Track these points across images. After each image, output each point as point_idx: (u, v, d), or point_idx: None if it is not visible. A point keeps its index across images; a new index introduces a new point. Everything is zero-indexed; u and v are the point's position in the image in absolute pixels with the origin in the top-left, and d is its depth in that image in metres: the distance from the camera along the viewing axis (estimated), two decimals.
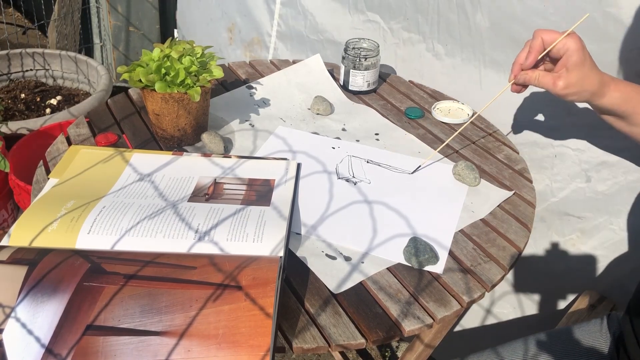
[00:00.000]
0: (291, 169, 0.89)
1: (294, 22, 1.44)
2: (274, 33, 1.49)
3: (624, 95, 0.80)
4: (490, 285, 0.74)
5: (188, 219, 0.75)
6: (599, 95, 0.80)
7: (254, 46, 1.57)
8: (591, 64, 0.80)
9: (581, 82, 0.79)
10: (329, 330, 0.66)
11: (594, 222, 1.05)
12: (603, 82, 0.80)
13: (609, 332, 0.85)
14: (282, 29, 1.47)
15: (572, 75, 0.79)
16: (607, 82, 0.80)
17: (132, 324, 0.59)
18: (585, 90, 0.80)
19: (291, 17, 1.44)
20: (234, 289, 0.61)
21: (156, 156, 0.91)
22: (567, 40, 0.79)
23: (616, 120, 0.83)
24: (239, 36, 1.60)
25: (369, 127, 1.05)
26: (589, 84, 0.79)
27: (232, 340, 0.58)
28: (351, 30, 1.32)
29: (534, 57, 0.82)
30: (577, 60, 0.79)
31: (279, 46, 1.50)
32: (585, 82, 0.79)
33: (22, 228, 0.72)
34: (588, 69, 0.79)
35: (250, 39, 1.58)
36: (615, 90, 0.80)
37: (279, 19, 1.46)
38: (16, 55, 1.92)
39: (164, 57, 0.90)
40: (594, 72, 0.80)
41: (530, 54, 0.82)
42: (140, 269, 0.64)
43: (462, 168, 0.91)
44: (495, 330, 1.25)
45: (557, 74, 0.80)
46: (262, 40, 1.53)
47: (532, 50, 0.82)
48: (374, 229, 0.81)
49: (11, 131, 1.57)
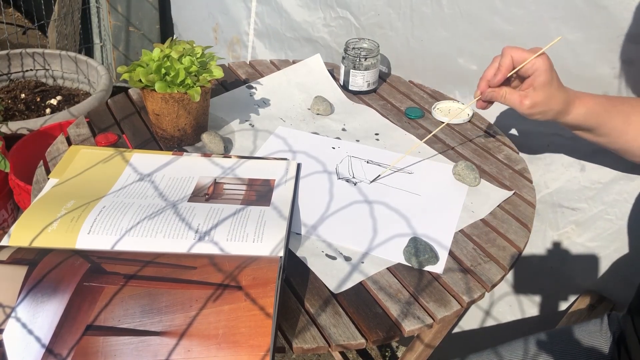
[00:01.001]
0: (291, 169, 0.89)
1: (270, 20, 1.42)
2: (252, 32, 1.47)
3: (588, 110, 0.82)
4: (490, 285, 0.74)
5: (188, 219, 0.75)
6: (564, 114, 0.82)
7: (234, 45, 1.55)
8: (558, 83, 0.81)
9: (547, 101, 0.80)
10: (329, 330, 0.66)
11: (589, 214, 1.04)
12: (568, 101, 0.81)
13: (609, 332, 0.85)
14: (259, 27, 1.45)
15: (538, 95, 0.80)
16: (572, 100, 0.82)
17: (132, 324, 0.59)
18: (551, 109, 0.81)
19: (267, 14, 1.42)
20: (234, 289, 0.61)
21: (156, 156, 0.91)
22: (536, 60, 0.80)
23: (584, 133, 0.85)
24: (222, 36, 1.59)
25: (369, 127, 1.05)
26: (555, 103, 0.81)
27: (232, 340, 0.58)
28: (324, 27, 1.31)
29: (503, 75, 0.82)
30: (545, 80, 0.79)
31: (257, 45, 1.48)
32: (552, 101, 0.80)
33: (22, 228, 0.72)
34: (555, 88, 0.80)
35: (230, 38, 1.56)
36: (580, 106, 0.82)
37: (256, 17, 1.44)
38: (16, 55, 1.92)
39: (164, 57, 0.90)
40: (560, 92, 0.81)
41: (499, 72, 0.82)
42: (140, 269, 0.64)
43: (462, 168, 0.91)
44: (495, 330, 1.25)
45: (524, 93, 0.81)
46: (240, 40, 1.52)
47: (501, 68, 0.82)
48: (374, 229, 0.81)
49: (11, 131, 1.57)
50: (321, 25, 1.31)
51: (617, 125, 0.82)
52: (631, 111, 0.82)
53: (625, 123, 0.82)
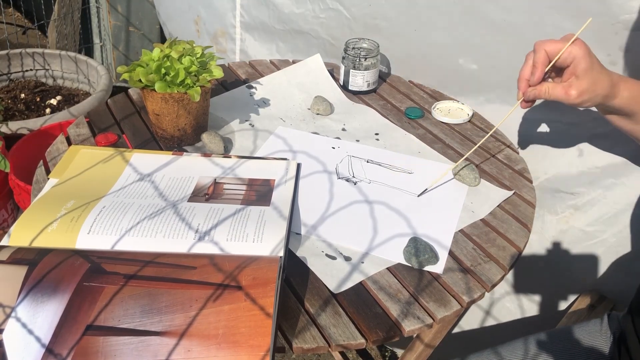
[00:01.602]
0: (291, 169, 0.89)
1: (257, 12, 1.39)
2: (238, 24, 1.44)
3: (632, 94, 0.79)
4: (490, 285, 0.74)
5: (188, 219, 0.75)
6: (611, 97, 0.79)
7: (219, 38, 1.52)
8: (599, 67, 0.78)
9: (593, 87, 0.77)
10: (329, 330, 0.66)
11: (587, 197, 1.03)
12: (613, 84, 0.78)
13: (610, 331, 0.85)
14: (246, 19, 1.42)
15: (583, 82, 0.77)
16: (617, 83, 0.79)
17: (132, 324, 0.59)
18: (598, 94, 0.78)
19: (253, 6, 1.39)
20: (234, 289, 0.61)
21: (156, 156, 0.91)
22: (571, 48, 0.77)
23: (620, 119, 0.82)
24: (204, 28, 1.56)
25: (369, 127, 1.05)
26: (600, 87, 0.78)
27: (232, 340, 0.58)
28: (314, 20, 1.28)
29: (541, 71, 0.79)
30: (586, 66, 0.77)
31: (245, 37, 1.45)
32: (597, 86, 0.78)
33: (22, 228, 0.72)
34: (597, 72, 0.78)
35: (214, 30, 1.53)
36: (625, 90, 0.79)
37: (241, 9, 1.41)
38: (16, 55, 1.92)
39: (164, 57, 0.90)
40: (603, 75, 0.78)
41: (536, 69, 0.79)
42: (140, 269, 0.64)
43: (462, 168, 0.91)
44: (495, 330, 1.25)
45: (567, 84, 0.78)
46: (226, 32, 1.49)
47: (538, 64, 0.79)
48: (374, 229, 0.81)
49: (11, 131, 1.57)
50: (311, 17, 1.28)
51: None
52: None
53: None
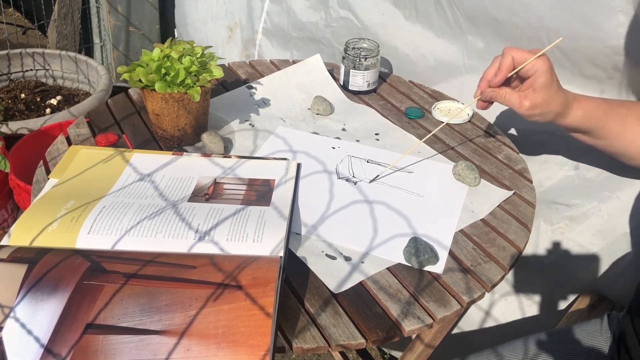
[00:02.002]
0: (291, 169, 0.89)
1: (278, 19, 1.43)
2: (260, 30, 1.48)
3: (586, 113, 0.82)
4: (490, 285, 0.74)
5: (188, 219, 0.75)
6: (563, 116, 0.82)
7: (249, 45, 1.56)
8: (557, 85, 0.81)
9: (547, 103, 0.80)
10: (329, 330, 0.66)
11: (582, 210, 1.05)
12: (567, 103, 0.81)
13: (609, 332, 0.85)
14: (268, 26, 1.46)
15: (538, 96, 0.80)
16: (570, 103, 0.82)
17: (131, 323, 0.59)
18: (550, 111, 0.81)
19: (276, 14, 1.43)
20: (234, 289, 0.61)
21: (156, 156, 0.91)
22: (536, 61, 0.80)
23: (581, 136, 0.85)
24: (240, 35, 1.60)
25: (369, 127, 1.05)
26: (554, 105, 0.81)
27: (231, 339, 0.58)
28: (326, 28, 1.31)
29: (503, 75, 0.82)
30: (545, 81, 0.79)
31: (263, 43, 1.49)
32: (551, 103, 0.80)
33: (22, 228, 0.72)
34: (554, 90, 0.80)
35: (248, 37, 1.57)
36: (578, 109, 0.82)
37: (266, 16, 1.46)
38: (16, 55, 1.92)
39: (164, 57, 0.90)
40: (559, 94, 0.81)
41: (500, 72, 0.82)
42: (140, 268, 0.64)
43: (462, 168, 0.91)
44: (495, 330, 1.25)
45: (523, 94, 0.81)
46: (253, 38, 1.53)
47: (502, 68, 0.82)
48: (374, 229, 0.81)
49: (11, 131, 1.57)
50: (323, 26, 1.31)
51: (614, 128, 0.82)
52: (628, 114, 0.82)
53: (622, 126, 0.82)
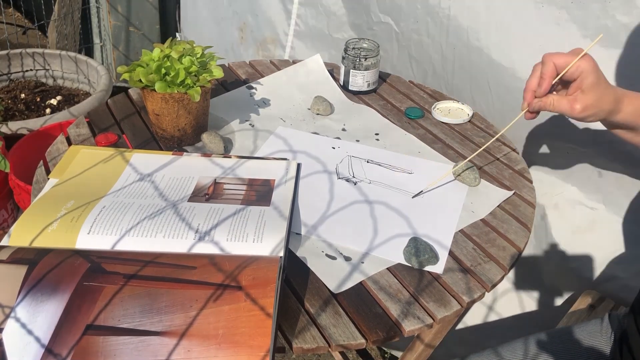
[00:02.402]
0: (291, 169, 0.89)
1: (314, 22, 1.47)
2: (291, 32, 1.52)
3: (636, 108, 0.79)
4: (490, 286, 0.74)
5: (188, 219, 0.75)
6: (615, 113, 0.79)
7: (268, 45, 1.58)
8: (605, 83, 0.79)
9: (598, 102, 0.78)
10: (329, 331, 0.66)
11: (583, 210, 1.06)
12: (617, 99, 0.79)
13: (610, 331, 0.85)
14: (301, 28, 1.50)
15: (588, 97, 0.77)
16: (621, 98, 0.79)
17: (131, 324, 0.59)
18: (602, 110, 0.78)
19: (311, 16, 1.47)
20: (234, 289, 0.61)
21: (156, 156, 0.91)
22: (580, 62, 0.77)
23: (627, 133, 0.82)
24: (251, 35, 1.61)
25: (369, 127, 1.05)
26: (605, 103, 0.78)
27: (232, 340, 0.58)
28: (367, 31, 1.35)
29: (548, 83, 0.79)
30: (593, 81, 0.77)
31: (296, 45, 1.53)
32: (602, 102, 0.78)
33: (22, 228, 0.72)
34: (603, 88, 0.78)
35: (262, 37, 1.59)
36: (629, 105, 0.79)
37: (297, 19, 1.49)
38: (16, 55, 1.92)
39: (164, 57, 0.90)
40: (609, 91, 0.78)
41: (544, 81, 0.79)
42: (140, 269, 0.64)
43: (462, 168, 0.90)
44: (495, 330, 1.25)
45: (572, 97, 0.78)
46: (277, 40, 1.55)
47: (545, 76, 0.79)
48: (374, 229, 0.81)
49: (11, 131, 1.57)
50: (365, 29, 1.36)
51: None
52: None
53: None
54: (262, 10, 1.57)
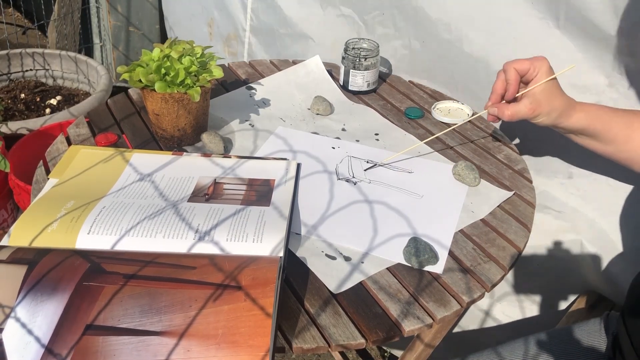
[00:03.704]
0: (291, 169, 0.89)
1: (264, 16, 1.43)
2: (248, 28, 1.48)
3: (590, 114, 0.83)
4: (490, 285, 0.74)
5: (188, 219, 0.75)
6: (567, 116, 0.83)
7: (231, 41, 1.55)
8: (558, 86, 0.84)
9: (550, 101, 0.83)
10: (329, 330, 0.66)
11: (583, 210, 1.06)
12: (570, 103, 0.83)
13: (607, 332, 0.85)
14: (255, 23, 1.46)
15: (541, 95, 0.82)
16: (574, 104, 0.84)
17: (131, 324, 0.59)
18: (554, 109, 0.83)
19: (262, 10, 1.42)
20: (234, 289, 0.61)
21: (156, 156, 0.91)
22: (536, 63, 0.83)
23: (589, 141, 0.86)
24: (218, 31, 1.58)
25: (369, 127, 1.05)
26: (557, 102, 0.83)
27: (231, 340, 0.58)
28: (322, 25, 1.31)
29: (514, 89, 0.85)
30: None
31: (252, 41, 1.49)
32: (554, 101, 0.83)
33: (22, 228, 0.72)
34: (556, 88, 0.83)
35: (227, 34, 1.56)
36: (581, 111, 0.83)
37: (252, 13, 1.45)
38: (16, 55, 1.92)
39: (164, 57, 0.90)
40: (560, 92, 0.84)
41: (510, 85, 0.85)
42: (140, 269, 0.64)
43: (462, 168, 0.91)
44: (495, 330, 1.25)
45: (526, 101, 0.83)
46: (238, 36, 1.52)
47: (511, 82, 0.84)
48: (374, 229, 0.81)
49: (11, 131, 1.57)
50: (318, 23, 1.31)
51: (620, 131, 0.82)
52: (634, 119, 0.82)
53: (629, 129, 0.82)
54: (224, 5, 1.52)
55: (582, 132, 0.85)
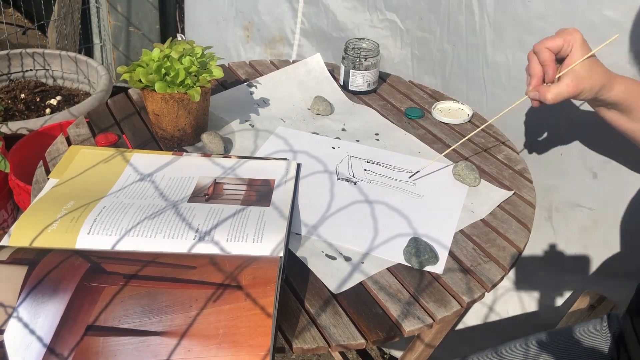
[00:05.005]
0: (291, 169, 0.89)
1: (316, 20, 1.48)
2: (298, 30, 1.53)
3: (628, 87, 0.79)
4: (490, 286, 0.74)
5: (188, 219, 0.75)
6: (608, 88, 0.79)
7: (276, 43, 1.60)
8: (595, 58, 0.79)
9: (590, 74, 0.78)
10: (329, 331, 0.66)
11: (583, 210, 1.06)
12: (609, 75, 0.79)
13: (609, 331, 0.85)
14: (306, 26, 1.51)
15: (580, 71, 0.77)
16: (613, 75, 0.79)
17: (132, 324, 0.59)
18: (597, 83, 0.78)
19: (314, 15, 1.48)
20: (234, 289, 0.61)
21: (156, 156, 0.91)
22: (568, 37, 0.78)
23: (619, 117, 0.82)
24: (258, 34, 1.62)
25: (369, 127, 1.05)
26: (597, 76, 0.78)
27: (232, 340, 0.58)
28: (370, 29, 1.35)
29: (553, 69, 0.79)
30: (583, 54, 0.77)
31: (303, 43, 1.55)
32: (594, 74, 0.78)
33: (22, 228, 0.72)
34: (594, 61, 0.78)
35: (270, 36, 1.60)
36: (621, 83, 0.79)
37: (303, 17, 1.50)
38: (16, 55, 1.92)
39: (164, 57, 0.90)
40: (599, 65, 0.79)
41: (548, 67, 0.79)
42: (140, 269, 0.64)
43: (462, 168, 0.91)
44: (495, 330, 1.25)
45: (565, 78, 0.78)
46: (284, 38, 1.56)
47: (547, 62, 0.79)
48: (374, 229, 0.81)
49: (11, 131, 1.57)
50: (367, 27, 1.36)
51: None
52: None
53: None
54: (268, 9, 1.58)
55: (616, 106, 0.81)
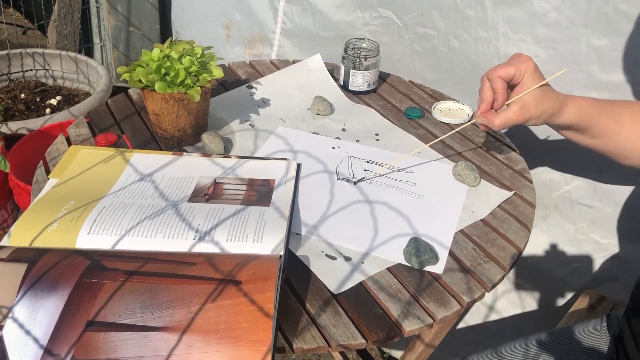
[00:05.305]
0: (291, 169, 0.89)
1: (300, 19, 1.45)
2: (278, 30, 1.49)
3: (581, 110, 0.81)
4: (490, 286, 0.74)
5: (188, 219, 0.75)
6: (558, 114, 0.81)
7: (256, 43, 1.57)
8: (548, 86, 0.81)
9: (540, 102, 0.80)
10: (329, 331, 0.66)
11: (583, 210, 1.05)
12: (561, 101, 0.81)
13: (609, 332, 0.85)
14: (288, 26, 1.48)
15: (530, 100, 0.80)
16: (564, 101, 0.81)
17: (132, 320, 0.59)
18: (545, 111, 0.81)
19: (297, 14, 1.44)
20: (235, 284, 0.61)
21: (156, 156, 0.91)
22: (521, 65, 0.80)
23: (577, 135, 0.85)
24: (238, 33, 1.60)
25: (369, 127, 1.05)
26: (548, 103, 0.80)
27: (233, 335, 0.58)
28: (363, 27, 1.33)
29: (503, 97, 0.82)
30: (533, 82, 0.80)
31: (284, 43, 1.51)
32: (545, 102, 0.80)
33: (22, 228, 0.72)
34: (545, 90, 0.80)
35: (250, 36, 1.58)
36: (572, 106, 0.81)
37: (284, 17, 1.47)
38: (16, 55, 1.92)
39: (164, 57, 0.90)
40: (551, 92, 0.81)
41: (499, 95, 0.82)
42: (140, 265, 0.64)
43: (462, 168, 0.91)
44: (495, 330, 1.25)
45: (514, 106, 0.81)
46: (265, 38, 1.54)
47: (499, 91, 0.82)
48: (375, 229, 0.81)
49: (11, 131, 1.57)
50: (360, 25, 1.33)
51: (608, 126, 0.81)
52: (622, 112, 0.82)
53: (616, 123, 0.81)
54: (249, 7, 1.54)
55: (571, 127, 0.84)
